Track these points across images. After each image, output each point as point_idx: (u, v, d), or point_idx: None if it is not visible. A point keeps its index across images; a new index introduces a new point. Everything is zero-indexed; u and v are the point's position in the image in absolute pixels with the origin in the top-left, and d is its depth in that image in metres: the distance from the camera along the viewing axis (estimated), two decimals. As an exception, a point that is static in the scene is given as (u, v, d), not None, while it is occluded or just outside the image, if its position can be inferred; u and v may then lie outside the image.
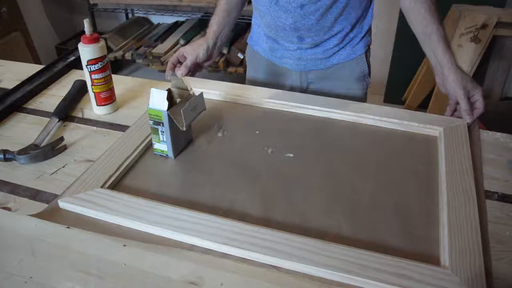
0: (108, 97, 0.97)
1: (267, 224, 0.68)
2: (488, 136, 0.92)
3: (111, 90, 0.97)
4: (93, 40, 0.90)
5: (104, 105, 0.98)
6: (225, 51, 2.68)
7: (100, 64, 0.92)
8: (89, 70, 0.92)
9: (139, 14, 3.17)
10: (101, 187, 0.75)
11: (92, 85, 0.95)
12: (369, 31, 1.11)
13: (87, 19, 0.90)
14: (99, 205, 0.71)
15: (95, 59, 0.91)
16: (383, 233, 0.69)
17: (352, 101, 1.00)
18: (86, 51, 0.90)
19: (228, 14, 1.07)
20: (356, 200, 0.75)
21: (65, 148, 0.87)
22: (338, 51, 1.09)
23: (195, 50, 1.02)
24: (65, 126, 0.96)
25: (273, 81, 1.18)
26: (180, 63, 1.01)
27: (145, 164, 0.83)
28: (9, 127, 0.96)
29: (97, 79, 0.94)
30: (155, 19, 3.16)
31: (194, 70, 1.05)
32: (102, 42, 0.92)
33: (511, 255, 0.65)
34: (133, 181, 0.79)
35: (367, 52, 1.13)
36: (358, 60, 1.12)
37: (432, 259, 0.64)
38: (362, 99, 1.17)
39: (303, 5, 0.98)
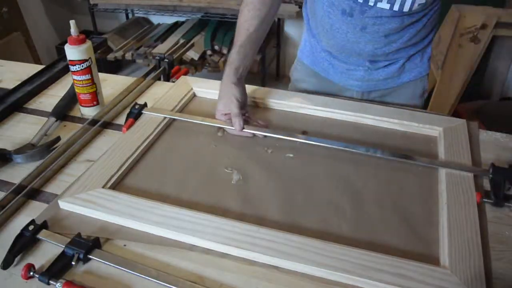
0: (88, 100, 0.97)
1: (267, 224, 0.68)
2: (488, 136, 0.92)
3: (91, 94, 0.96)
4: (75, 42, 0.91)
5: (84, 106, 0.98)
6: (225, 51, 2.68)
7: (78, 67, 0.92)
8: (71, 70, 0.93)
9: (139, 14, 3.17)
10: (102, 187, 0.75)
11: (74, 84, 0.96)
12: (430, 50, 1.08)
13: (73, 21, 0.90)
14: (99, 205, 0.71)
15: (74, 60, 0.92)
16: (383, 233, 0.69)
17: (352, 101, 1.00)
18: (69, 52, 0.91)
19: (257, 45, 0.97)
20: (356, 200, 0.75)
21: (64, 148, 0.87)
22: (405, 69, 1.05)
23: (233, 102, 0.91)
24: (65, 126, 0.96)
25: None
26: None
27: (145, 164, 0.83)
28: (9, 127, 0.96)
29: (77, 80, 0.94)
30: (155, 19, 3.17)
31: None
32: (86, 46, 0.92)
33: (511, 255, 0.66)
34: (133, 181, 0.79)
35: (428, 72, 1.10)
36: (423, 78, 1.08)
37: (432, 259, 0.64)
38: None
39: (387, 35, 0.95)
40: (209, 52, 2.70)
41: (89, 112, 0.98)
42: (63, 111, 0.99)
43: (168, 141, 0.90)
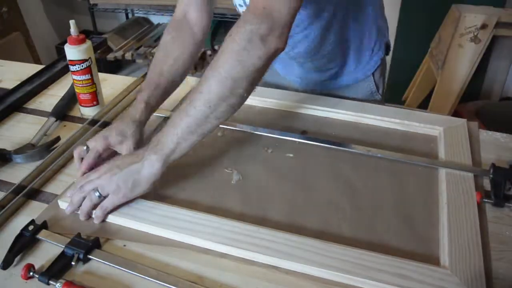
0: (88, 100, 0.97)
1: (267, 224, 0.68)
2: (488, 136, 0.92)
3: (91, 94, 0.96)
4: (75, 42, 0.91)
5: (84, 106, 0.98)
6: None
7: (78, 67, 0.92)
8: (70, 69, 0.93)
9: (139, 14, 3.17)
10: None
11: (74, 84, 0.96)
12: (377, 45, 1.02)
13: (73, 21, 0.90)
14: None
15: (73, 60, 0.92)
16: (383, 233, 0.69)
17: (352, 101, 1.00)
18: (69, 52, 0.91)
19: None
20: (356, 200, 0.75)
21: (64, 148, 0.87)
22: (341, 75, 1.04)
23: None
24: (65, 126, 0.96)
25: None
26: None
27: None
28: (9, 127, 0.96)
29: (77, 80, 0.94)
30: (155, 19, 3.16)
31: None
32: (85, 46, 0.92)
33: (511, 255, 0.65)
34: None
35: (376, 71, 1.05)
36: (366, 81, 1.06)
37: (432, 259, 0.64)
38: None
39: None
40: (209, 52, 2.70)
41: (89, 112, 0.98)
42: (63, 111, 0.99)
43: None
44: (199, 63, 2.68)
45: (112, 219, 0.70)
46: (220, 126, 0.91)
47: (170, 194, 0.76)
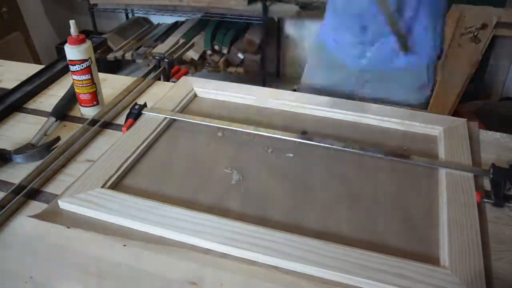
0: (88, 100, 0.97)
1: (267, 224, 0.68)
2: (488, 136, 0.92)
3: (91, 94, 0.96)
4: (75, 42, 0.91)
5: (84, 106, 0.98)
6: (225, 51, 2.68)
7: (78, 67, 0.92)
8: (70, 69, 0.93)
9: (139, 14, 3.17)
10: (102, 187, 0.75)
11: (74, 84, 0.96)
12: (440, 38, 1.06)
13: (73, 21, 0.90)
14: (99, 205, 0.71)
15: (73, 60, 0.92)
16: (383, 233, 0.69)
17: (352, 100, 1.00)
18: (69, 52, 0.91)
19: None
20: (356, 200, 0.75)
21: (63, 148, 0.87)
22: (399, 54, 1.06)
23: None
24: (65, 126, 0.96)
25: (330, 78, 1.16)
26: None
27: (145, 164, 0.83)
28: (9, 127, 0.96)
29: (77, 80, 0.94)
30: (155, 19, 3.16)
31: None
32: (85, 46, 0.92)
33: (511, 255, 0.66)
34: (133, 181, 0.79)
35: (432, 63, 1.08)
36: (419, 69, 1.08)
37: (432, 259, 0.64)
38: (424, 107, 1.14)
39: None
40: (209, 52, 2.70)
41: (89, 112, 0.98)
42: (63, 111, 0.99)
43: (168, 141, 0.90)
44: (199, 63, 2.68)
45: (112, 219, 0.70)
46: (220, 126, 0.92)
47: (170, 194, 0.76)
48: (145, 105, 0.96)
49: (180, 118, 0.94)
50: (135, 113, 0.94)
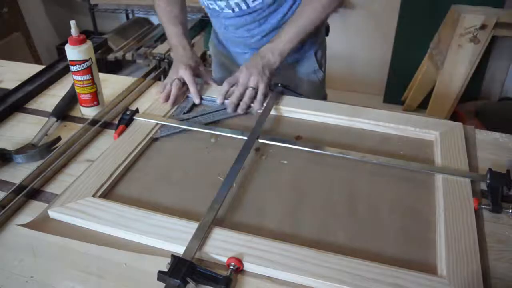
0: (89, 100, 0.97)
1: (262, 233, 0.66)
2: (487, 136, 0.91)
3: (91, 94, 0.97)
4: (75, 42, 0.91)
5: (84, 106, 0.99)
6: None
7: (79, 67, 0.92)
8: (71, 70, 0.94)
9: (140, 14, 3.17)
10: (93, 196, 0.73)
11: (74, 85, 0.97)
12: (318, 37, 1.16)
13: (73, 21, 0.90)
14: (90, 215, 0.69)
15: (74, 60, 0.92)
16: (379, 241, 0.67)
17: (347, 105, 0.97)
18: (69, 52, 0.92)
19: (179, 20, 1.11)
20: (352, 207, 0.73)
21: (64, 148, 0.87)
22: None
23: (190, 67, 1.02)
24: (65, 126, 0.97)
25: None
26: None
27: (137, 172, 0.81)
28: (9, 127, 0.96)
29: (77, 80, 0.95)
30: (156, 19, 3.16)
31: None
32: (86, 46, 0.92)
33: (510, 254, 0.65)
34: (125, 190, 0.77)
35: (317, 52, 1.19)
36: (308, 59, 1.19)
37: (429, 268, 0.63)
38: (320, 85, 1.27)
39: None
40: (209, 52, 2.70)
41: (89, 112, 0.99)
42: (64, 111, 0.99)
43: (160, 148, 0.88)
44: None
45: (103, 229, 0.68)
46: (213, 132, 0.90)
47: (162, 202, 0.74)
48: (137, 111, 0.94)
49: (172, 124, 0.92)
50: (127, 119, 0.92)
